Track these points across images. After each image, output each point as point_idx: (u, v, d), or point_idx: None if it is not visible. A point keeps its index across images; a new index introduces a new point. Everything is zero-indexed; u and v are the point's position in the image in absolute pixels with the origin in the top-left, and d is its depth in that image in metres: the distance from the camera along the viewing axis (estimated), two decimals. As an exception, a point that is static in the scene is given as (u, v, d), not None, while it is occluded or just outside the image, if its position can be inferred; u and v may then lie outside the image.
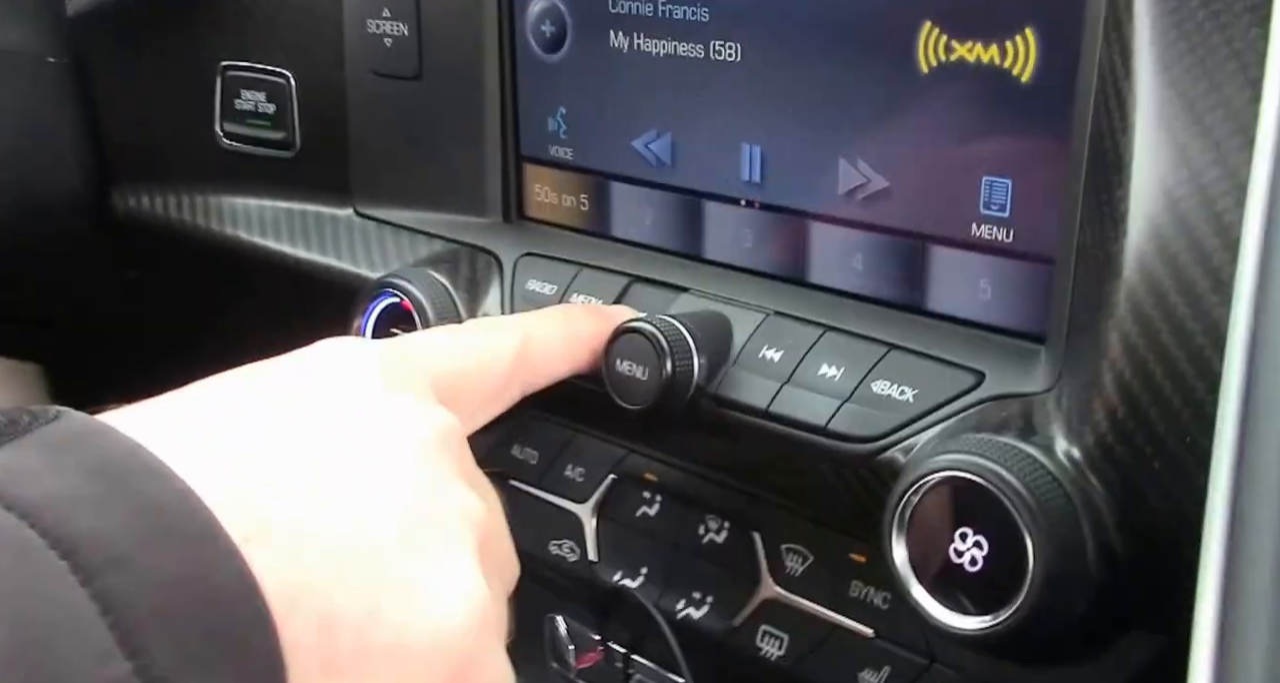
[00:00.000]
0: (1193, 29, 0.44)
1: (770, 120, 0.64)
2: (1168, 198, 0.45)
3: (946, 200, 0.58)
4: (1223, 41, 0.43)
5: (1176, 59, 0.45)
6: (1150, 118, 0.46)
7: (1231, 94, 0.43)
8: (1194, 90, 0.44)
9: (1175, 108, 0.45)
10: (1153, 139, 0.46)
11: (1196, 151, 0.44)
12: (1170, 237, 0.45)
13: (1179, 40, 0.45)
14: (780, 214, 0.64)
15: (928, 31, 0.57)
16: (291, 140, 0.81)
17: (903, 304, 0.60)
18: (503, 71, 0.74)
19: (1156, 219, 0.46)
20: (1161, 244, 0.45)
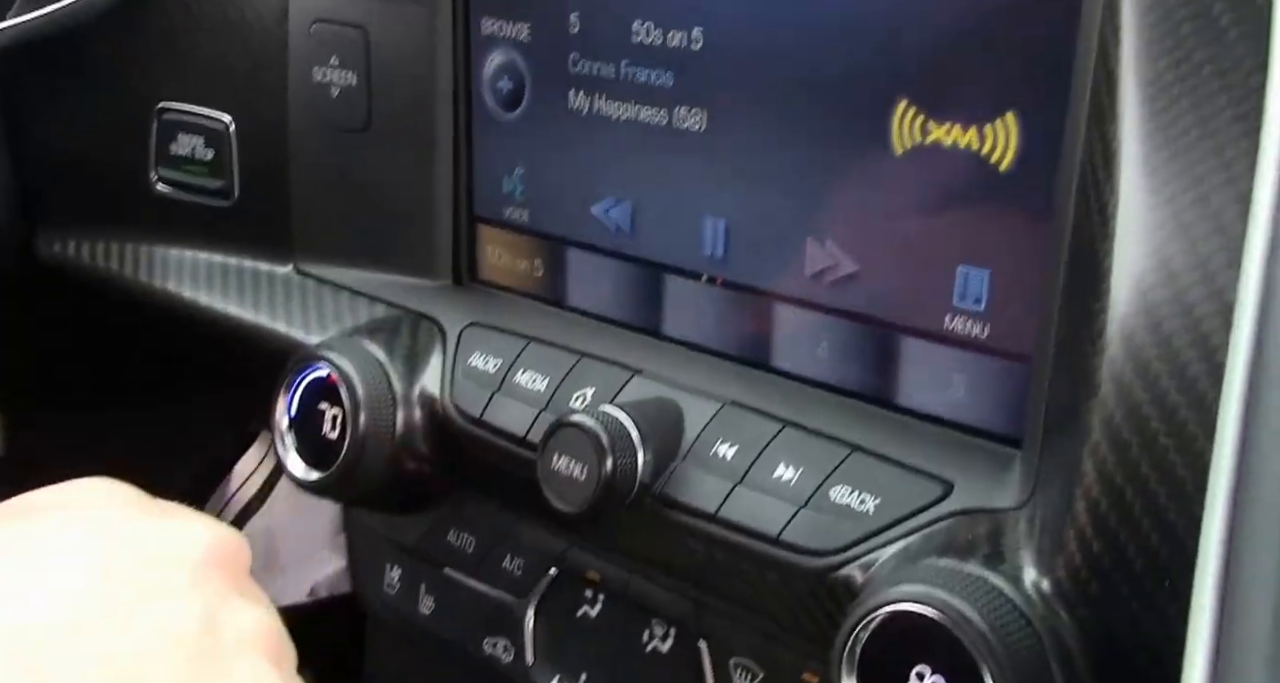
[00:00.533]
0: (1179, 132, 0.42)
1: (736, 193, 0.62)
2: (1148, 311, 0.43)
3: (919, 289, 0.56)
4: (1211, 150, 0.41)
5: (1162, 163, 0.43)
6: (1132, 222, 0.44)
7: (1220, 206, 0.41)
8: (1180, 198, 0.42)
9: (1159, 214, 0.43)
10: (1134, 245, 0.44)
11: (1181, 264, 0.42)
12: (1150, 354, 0.43)
13: (1164, 144, 0.43)
14: (743, 293, 0.62)
15: (903, 110, 0.55)
16: (230, 189, 0.79)
17: (869, 397, 0.58)
18: (456, 126, 0.72)
19: (1136, 333, 0.44)
20: (1141, 362, 0.43)
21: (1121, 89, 0.44)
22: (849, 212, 0.58)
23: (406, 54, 0.71)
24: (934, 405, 0.56)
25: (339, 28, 0.73)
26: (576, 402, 0.63)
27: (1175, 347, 0.42)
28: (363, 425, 0.65)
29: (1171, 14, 0.43)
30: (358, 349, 0.67)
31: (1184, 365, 0.42)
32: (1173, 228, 0.43)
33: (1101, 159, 0.45)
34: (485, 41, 0.70)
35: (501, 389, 0.65)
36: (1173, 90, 0.42)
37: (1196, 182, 0.42)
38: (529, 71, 0.69)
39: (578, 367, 0.64)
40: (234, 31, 0.76)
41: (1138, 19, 0.43)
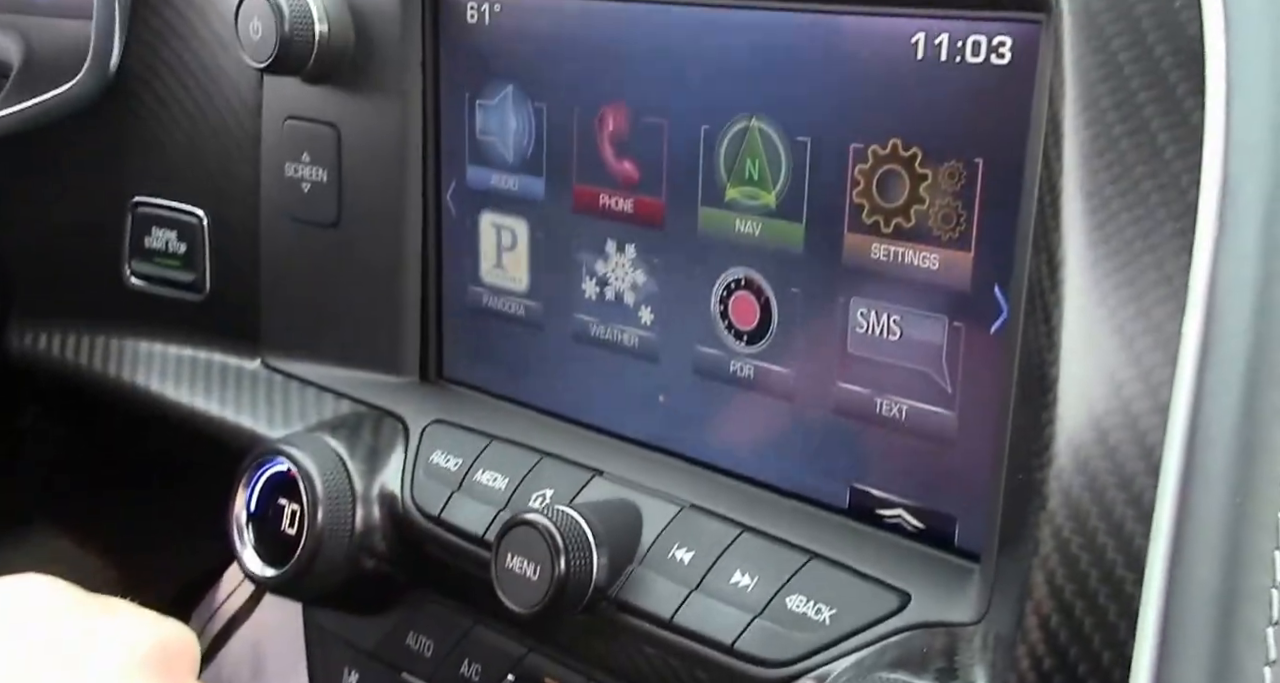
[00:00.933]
0: (1120, 245, 0.42)
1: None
2: (1094, 423, 0.43)
3: (883, 402, 0.56)
4: (1152, 263, 0.41)
5: (1105, 275, 0.43)
6: (1077, 334, 0.43)
7: (1161, 318, 0.41)
8: (1122, 310, 0.42)
9: (1103, 326, 0.43)
10: (1079, 357, 0.43)
11: (1125, 375, 0.42)
12: (1097, 465, 0.43)
13: (1106, 256, 0.42)
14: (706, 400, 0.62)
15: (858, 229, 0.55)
16: (201, 283, 0.79)
17: (830, 505, 0.58)
18: (425, 224, 0.72)
19: (1083, 444, 0.43)
20: (1088, 473, 0.43)
21: (1064, 203, 0.44)
22: (811, 336, 0.58)
23: (377, 152, 0.71)
24: (895, 515, 0.56)
25: (311, 125, 0.73)
26: (536, 501, 0.62)
27: (1121, 458, 0.42)
28: (321, 522, 0.64)
29: (1111, 130, 0.43)
30: (319, 445, 0.66)
31: (1131, 477, 0.41)
32: (1116, 340, 0.42)
33: (1047, 271, 0.45)
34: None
35: (461, 488, 0.65)
36: (1113, 205, 0.42)
37: (1139, 294, 0.42)
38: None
39: (539, 466, 0.64)
40: (208, 128, 0.77)
41: (1079, 135, 0.43)
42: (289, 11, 0.68)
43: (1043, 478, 0.44)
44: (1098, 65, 0.43)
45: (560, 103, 0.65)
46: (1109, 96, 0.43)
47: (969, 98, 0.51)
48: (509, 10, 0.66)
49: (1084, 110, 0.43)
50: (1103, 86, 0.43)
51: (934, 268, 0.53)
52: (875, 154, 0.54)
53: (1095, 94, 0.43)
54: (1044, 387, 0.44)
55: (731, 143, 0.59)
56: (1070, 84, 0.44)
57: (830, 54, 0.55)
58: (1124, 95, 0.42)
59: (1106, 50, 0.43)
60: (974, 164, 0.51)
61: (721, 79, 0.59)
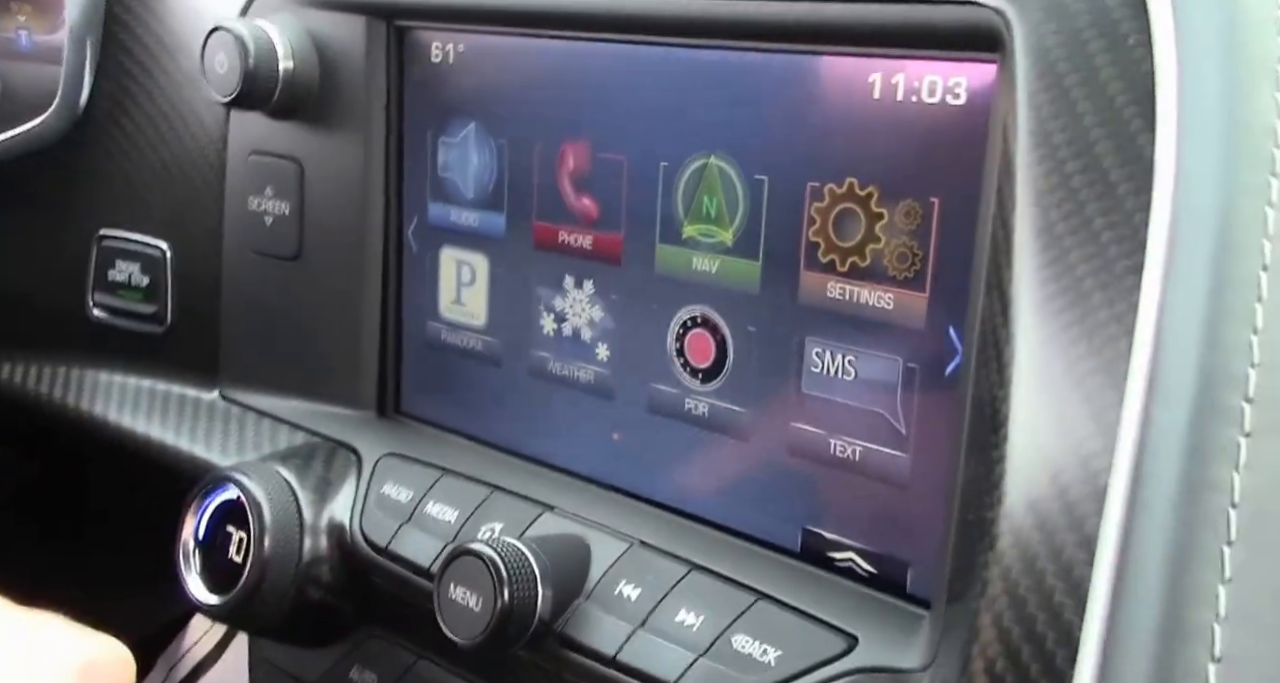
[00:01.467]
0: (1072, 282, 0.40)
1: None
2: (1044, 462, 0.41)
3: (837, 443, 0.54)
4: (1104, 300, 0.40)
5: (1056, 312, 0.41)
6: (1028, 371, 0.42)
7: (1114, 356, 0.39)
8: (1074, 347, 0.40)
9: (1055, 364, 0.41)
10: (1030, 394, 0.42)
11: (1076, 414, 0.40)
12: (1047, 506, 0.41)
13: (1058, 293, 0.41)
14: (661, 436, 0.60)
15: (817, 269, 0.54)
16: (163, 315, 0.77)
17: (780, 546, 0.56)
18: (386, 259, 0.70)
19: (1032, 483, 0.41)
20: (1038, 514, 0.41)
21: (1016, 241, 0.42)
22: (766, 375, 0.56)
23: (339, 187, 0.70)
24: (846, 559, 0.54)
25: (275, 160, 0.71)
26: (484, 534, 0.60)
27: (1072, 498, 0.40)
28: (267, 550, 0.61)
29: (1063, 166, 0.41)
30: (269, 473, 0.64)
31: (1081, 518, 0.40)
32: (1068, 379, 0.41)
33: (999, 309, 0.43)
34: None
35: (411, 520, 0.62)
36: (1064, 242, 0.41)
37: (1090, 333, 0.40)
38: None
39: (489, 500, 0.62)
40: (175, 162, 0.75)
41: (1031, 171, 0.42)
42: (254, 47, 0.67)
43: (993, 517, 0.42)
44: (1050, 101, 0.42)
45: (521, 140, 0.64)
46: (1061, 133, 0.41)
47: (925, 137, 0.50)
48: (472, 50, 0.65)
49: (1036, 147, 0.42)
50: (1055, 123, 0.41)
51: (889, 308, 0.51)
52: (832, 193, 0.53)
53: (1048, 130, 0.42)
54: (995, 425, 0.43)
55: (690, 180, 0.57)
56: (1024, 121, 0.42)
57: (788, 93, 0.53)
58: (1077, 131, 0.41)
59: (1060, 86, 0.42)
60: (929, 203, 0.50)
61: (680, 117, 0.57)
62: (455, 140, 0.67)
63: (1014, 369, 0.42)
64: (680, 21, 0.55)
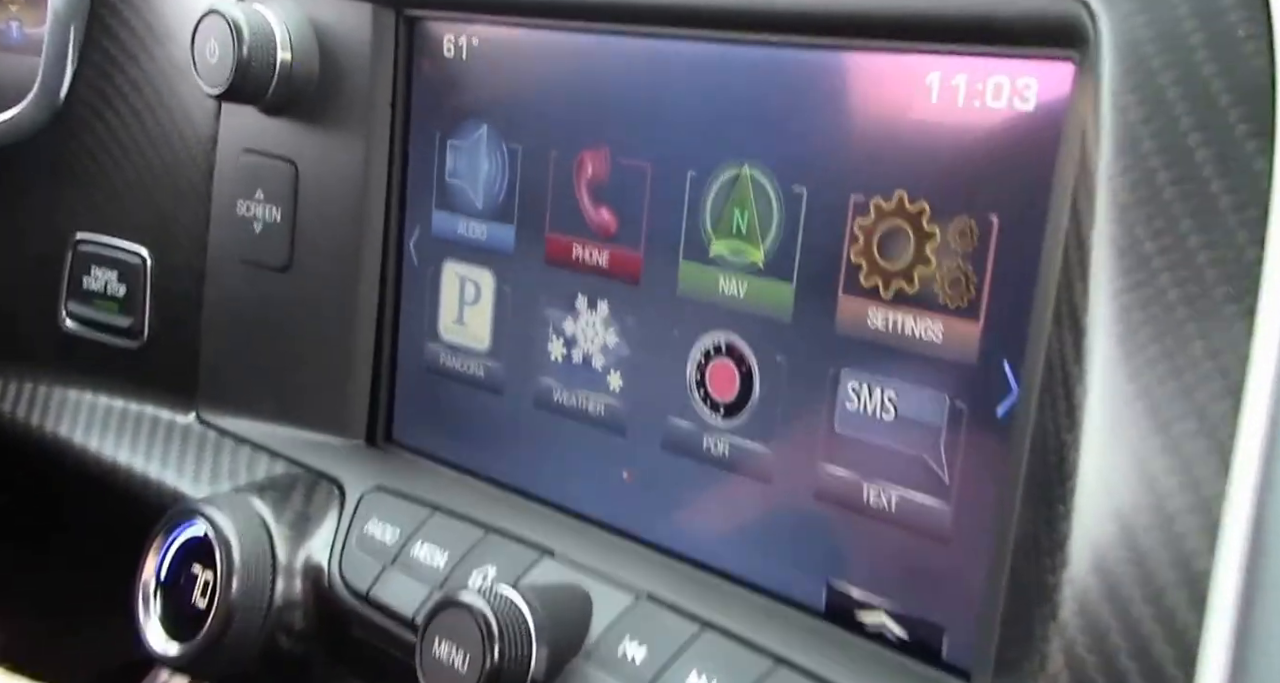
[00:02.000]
0: (1160, 311, 0.36)
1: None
2: (1119, 519, 0.36)
3: (869, 490, 0.49)
4: (1197, 332, 0.35)
5: (1139, 346, 0.36)
6: (1102, 414, 0.37)
7: (1207, 400, 0.35)
8: (1159, 389, 0.36)
9: (1134, 407, 0.36)
10: (1105, 448, 0.37)
11: (1159, 466, 0.35)
12: (1122, 571, 0.36)
13: (1142, 324, 0.36)
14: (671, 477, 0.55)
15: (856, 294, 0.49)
16: (139, 328, 0.73)
17: (804, 605, 0.51)
18: (384, 273, 0.66)
19: (1104, 545, 0.36)
20: (1110, 580, 0.36)
21: (1094, 263, 0.37)
22: (795, 412, 0.51)
23: (336, 192, 0.65)
24: (875, 621, 0.49)
25: (267, 160, 0.67)
26: (476, 581, 0.55)
27: (1152, 564, 0.35)
28: (235, 593, 0.57)
29: (1153, 178, 0.36)
30: (242, 507, 0.59)
31: (1161, 589, 0.35)
32: (1150, 423, 0.36)
33: (1070, 342, 0.38)
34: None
35: (395, 562, 0.58)
36: (1152, 264, 0.36)
37: (1179, 370, 0.35)
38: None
39: (483, 542, 0.57)
40: (159, 160, 0.71)
41: (1115, 183, 0.37)
42: (249, 35, 0.63)
43: (1055, 582, 0.37)
44: (1140, 103, 0.37)
45: (537, 145, 0.59)
46: (1153, 139, 0.36)
47: (987, 146, 0.45)
48: (487, 44, 0.61)
49: (1122, 155, 0.37)
50: (1145, 128, 0.37)
51: (937, 339, 0.47)
52: (878, 208, 0.48)
53: (1136, 136, 0.37)
54: (1061, 476, 0.38)
55: (719, 192, 0.53)
56: (1108, 126, 0.38)
57: (833, 95, 0.49)
58: (1171, 138, 0.36)
59: (1152, 85, 0.37)
60: (988, 221, 0.45)
61: (712, 121, 0.53)
62: (465, 143, 0.63)
63: (1086, 411, 0.37)
64: (714, 12, 0.51)
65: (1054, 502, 0.38)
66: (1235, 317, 0.34)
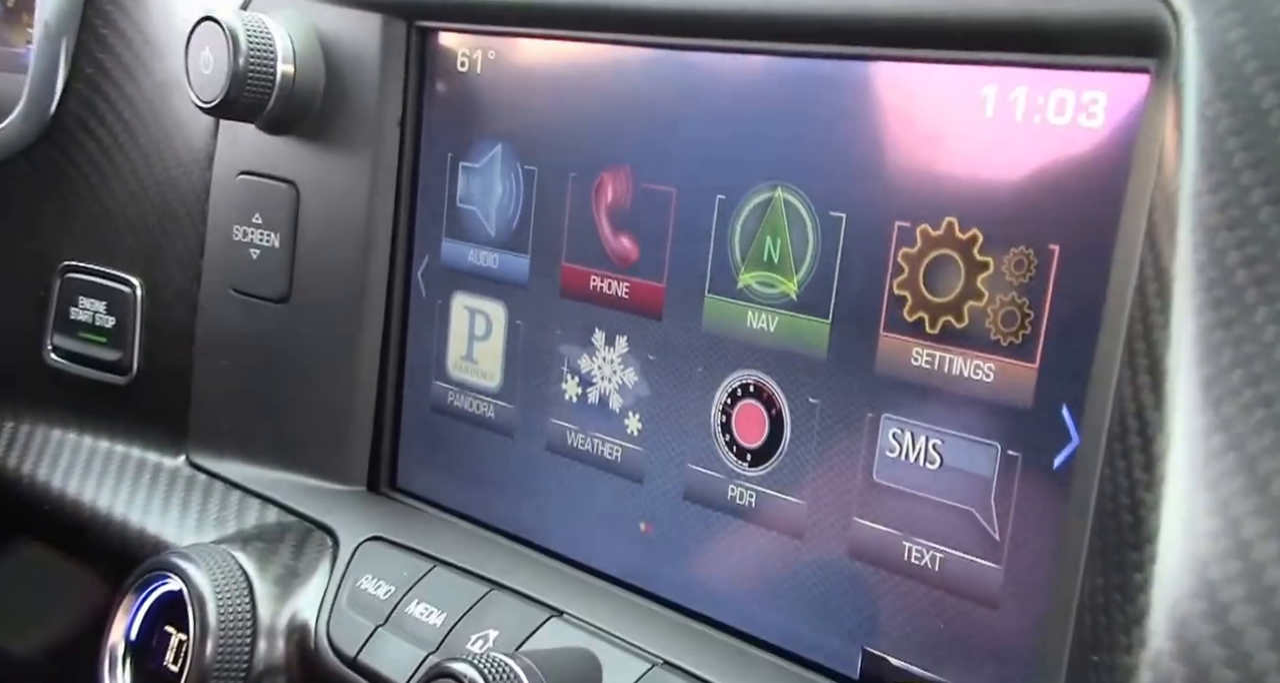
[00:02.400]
0: (1257, 352, 0.31)
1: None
2: (1211, 599, 0.31)
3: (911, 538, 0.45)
4: (1301, 375, 0.31)
5: (1231, 393, 0.32)
6: (1189, 476, 0.32)
7: (1311, 453, 0.30)
8: (1256, 443, 0.31)
9: (1226, 466, 0.32)
10: (1191, 509, 0.32)
11: (1255, 534, 0.31)
12: (1212, 658, 0.31)
13: (1234, 367, 0.32)
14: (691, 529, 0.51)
15: (899, 312, 0.45)
16: (128, 363, 0.69)
17: (838, 674, 0.47)
18: (390, 306, 0.62)
19: (1192, 628, 0.32)
20: (1198, 670, 0.31)
21: (1176, 294, 0.33)
22: (830, 460, 0.47)
23: (340, 217, 0.62)
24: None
25: (266, 181, 0.64)
26: (476, 644, 0.51)
27: (1248, 644, 0.30)
28: (209, 657, 0.53)
29: (1247, 196, 0.32)
30: (221, 561, 0.55)
31: (1262, 673, 0.30)
32: (1244, 481, 0.31)
33: (1147, 384, 0.34)
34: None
35: (389, 622, 0.53)
36: (1247, 295, 0.32)
37: (1276, 418, 0.31)
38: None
39: (486, 600, 0.53)
40: (153, 181, 0.67)
41: (1201, 202, 0.33)
42: (246, 45, 0.59)
43: (1131, 664, 0.33)
44: (1232, 112, 0.33)
45: (555, 166, 0.56)
46: (1247, 151, 0.32)
47: (1048, 168, 0.41)
48: (505, 57, 0.57)
49: (1211, 171, 0.33)
50: (1238, 141, 0.33)
51: (988, 380, 0.42)
52: (925, 235, 0.44)
53: (1226, 151, 0.33)
54: (1138, 540, 0.33)
55: (750, 217, 0.49)
56: (1193, 139, 0.34)
57: (876, 110, 0.45)
58: (1269, 151, 0.32)
59: (1245, 94, 0.33)
60: (1048, 251, 0.41)
61: (743, 139, 0.49)
62: (478, 166, 0.59)
63: (1168, 466, 0.33)
64: (746, 20, 0.47)
65: (1129, 569, 0.33)
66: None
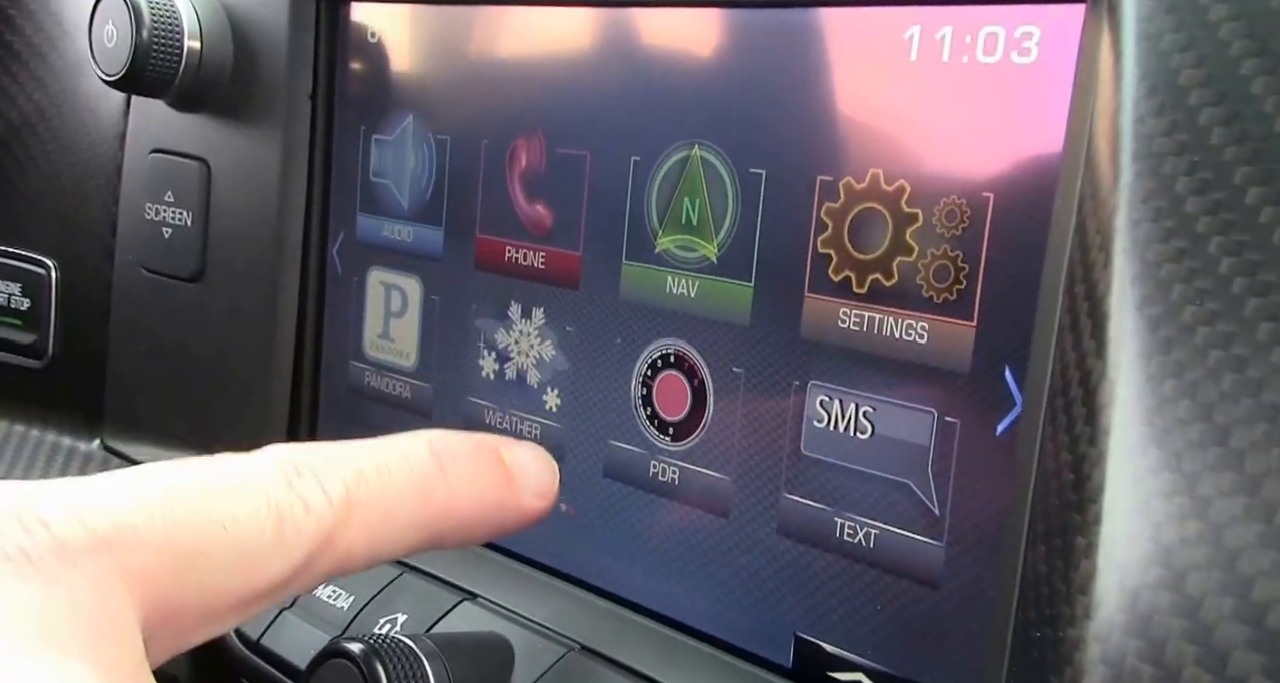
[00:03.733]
0: (1210, 290, 0.26)
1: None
2: (1165, 564, 0.26)
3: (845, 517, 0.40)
4: (1261, 314, 0.26)
5: (1183, 335, 0.27)
6: (1137, 428, 0.27)
7: (1277, 397, 0.25)
8: (1212, 387, 0.26)
9: (1180, 413, 0.27)
10: (1140, 464, 0.27)
11: (1215, 489, 0.26)
12: (1167, 630, 0.26)
13: (1188, 305, 0.27)
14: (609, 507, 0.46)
15: (823, 272, 0.40)
16: (43, 346, 0.63)
17: (763, 660, 0.41)
18: (305, 282, 0.57)
19: (1143, 596, 0.27)
20: (1151, 642, 0.26)
21: (1117, 238, 0.28)
22: (755, 431, 0.42)
23: (253, 194, 0.56)
24: (852, 679, 0.39)
25: (178, 160, 0.58)
26: (384, 628, 0.45)
27: (1207, 615, 0.25)
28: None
29: (1195, 115, 0.27)
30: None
31: (1226, 648, 0.25)
32: (1200, 431, 0.26)
33: (1090, 332, 0.29)
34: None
35: (295, 605, 0.48)
36: (1199, 225, 0.27)
37: (1239, 360, 0.26)
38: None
39: (396, 583, 0.47)
40: (65, 162, 0.62)
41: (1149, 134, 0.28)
42: (149, 18, 0.54)
43: (1075, 637, 0.28)
44: (1175, 28, 0.28)
45: (467, 135, 0.50)
46: (1192, 69, 0.27)
47: (979, 111, 0.36)
48: (415, 26, 0.52)
49: (1153, 93, 0.28)
50: (1181, 58, 0.28)
51: (922, 341, 0.37)
52: (849, 189, 0.39)
53: (1170, 68, 0.28)
54: (1081, 500, 0.28)
55: (667, 179, 0.44)
56: (1132, 60, 0.29)
57: (795, 60, 0.40)
58: (1216, 66, 0.27)
59: (1193, 8, 0.28)
60: (981, 200, 0.36)
61: (656, 98, 0.44)
62: (391, 138, 0.53)
63: (1113, 418, 0.28)
64: (659, -34, 0.42)
65: (1071, 533, 0.28)
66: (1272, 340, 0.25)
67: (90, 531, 0.26)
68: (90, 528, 0.26)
